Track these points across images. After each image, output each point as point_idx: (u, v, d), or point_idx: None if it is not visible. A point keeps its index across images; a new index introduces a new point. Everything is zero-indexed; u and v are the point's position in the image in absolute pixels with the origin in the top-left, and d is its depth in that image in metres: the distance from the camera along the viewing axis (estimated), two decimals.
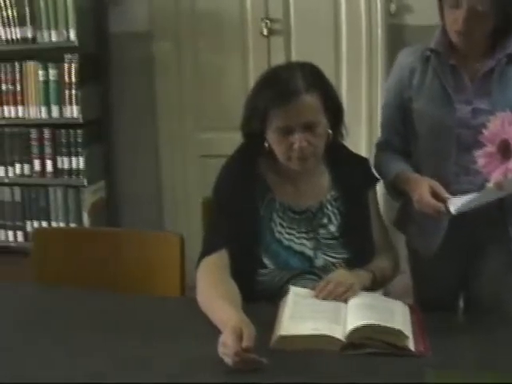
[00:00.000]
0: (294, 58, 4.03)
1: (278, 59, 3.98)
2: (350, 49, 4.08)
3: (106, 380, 1.65)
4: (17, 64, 4.26)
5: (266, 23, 4.14)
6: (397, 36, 3.94)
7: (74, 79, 4.11)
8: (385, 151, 2.41)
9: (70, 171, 4.24)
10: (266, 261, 2.11)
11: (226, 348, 1.65)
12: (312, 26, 4.08)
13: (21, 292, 2.32)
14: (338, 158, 2.25)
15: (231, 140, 2.30)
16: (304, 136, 2.06)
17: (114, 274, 2.43)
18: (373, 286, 2.12)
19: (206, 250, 2.12)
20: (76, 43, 4.07)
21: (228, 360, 1.65)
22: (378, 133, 3.85)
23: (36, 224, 4.39)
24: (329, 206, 2.20)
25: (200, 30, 4.27)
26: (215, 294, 1.95)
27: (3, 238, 4.52)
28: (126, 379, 1.64)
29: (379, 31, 3.97)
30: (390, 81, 2.40)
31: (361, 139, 3.96)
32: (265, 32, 4.15)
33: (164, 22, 4.29)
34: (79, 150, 4.20)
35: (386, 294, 2.24)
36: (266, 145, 2.15)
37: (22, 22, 4.17)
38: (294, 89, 2.04)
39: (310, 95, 2.06)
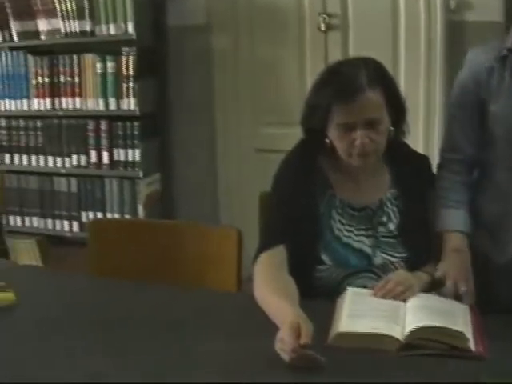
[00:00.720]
0: (352, 53, 4.01)
1: (335, 54, 3.97)
2: (408, 45, 4.02)
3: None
4: (75, 57, 4.33)
5: (324, 18, 4.12)
6: (456, 32, 3.87)
7: (131, 72, 4.14)
8: (447, 170, 2.29)
9: (126, 163, 4.29)
10: (324, 257, 2.10)
11: (284, 344, 1.64)
12: (370, 22, 4.04)
13: (72, 283, 2.33)
14: (399, 155, 2.22)
15: (287, 135, 2.29)
16: (366, 133, 2.03)
17: (170, 267, 2.43)
18: (430, 289, 2.09)
19: (264, 245, 2.10)
20: (134, 36, 4.11)
21: (285, 356, 1.63)
22: (435, 131, 3.88)
23: (91, 215, 4.45)
24: (389, 204, 2.18)
25: (258, 23, 4.28)
26: (272, 289, 1.94)
27: (59, 227, 4.59)
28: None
29: (438, 27, 3.90)
30: (460, 81, 2.28)
31: (418, 137, 3.92)
32: (322, 27, 4.13)
33: (222, 15, 4.30)
34: (135, 142, 4.24)
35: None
36: (327, 141, 2.13)
37: (80, 16, 4.23)
38: (357, 85, 2.01)
39: (373, 91, 2.03)
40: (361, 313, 1.85)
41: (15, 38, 4.50)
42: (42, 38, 4.40)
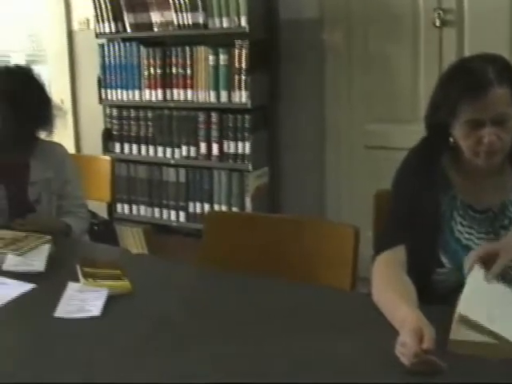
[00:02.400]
0: (467, 50, 3.91)
1: (450, 51, 3.91)
2: None
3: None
4: (188, 48, 4.38)
5: (439, 13, 4.04)
6: None
7: (243, 65, 4.17)
8: None
9: (236, 155, 4.33)
10: (444, 259, 2.06)
11: (405, 348, 1.61)
12: (486, 18, 3.93)
13: (187, 275, 2.37)
14: None
15: (397, 132, 2.24)
16: (494, 130, 1.98)
17: (284, 261, 2.43)
18: None
19: (384, 245, 2.08)
20: (247, 29, 4.13)
21: (405, 360, 1.60)
22: None
23: (198, 205, 4.50)
24: (511, 208, 2.12)
25: (371, 18, 4.23)
26: (392, 290, 1.91)
27: (166, 217, 4.66)
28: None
29: None
30: None
31: None
32: (437, 23, 4.04)
33: (334, 9, 4.28)
34: (246, 135, 4.27)
35: None
36: (451, 139, 2.09)
37: (193, 8, 4.28)
38: (487, 81, 1.97)
39: (501, 88, 1.98)
40: (476, 316, 1.78)
41: (128, 29, 4.59)
42: (155, 29, 4.48)
